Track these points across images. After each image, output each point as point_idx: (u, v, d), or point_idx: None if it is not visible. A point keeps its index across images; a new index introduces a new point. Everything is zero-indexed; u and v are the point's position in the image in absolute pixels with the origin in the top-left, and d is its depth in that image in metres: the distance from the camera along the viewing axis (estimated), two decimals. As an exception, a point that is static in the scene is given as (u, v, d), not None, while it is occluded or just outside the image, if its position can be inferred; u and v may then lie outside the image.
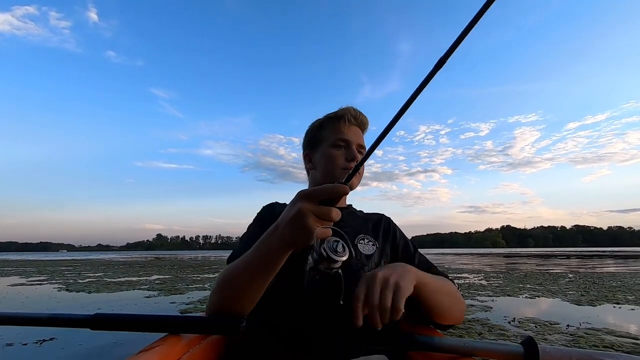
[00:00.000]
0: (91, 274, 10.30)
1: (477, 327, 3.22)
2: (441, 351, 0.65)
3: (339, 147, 0.96)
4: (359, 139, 0.98)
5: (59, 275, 9.65)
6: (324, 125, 1.01)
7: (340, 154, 0.96)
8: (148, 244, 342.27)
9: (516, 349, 0.62)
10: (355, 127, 0.99)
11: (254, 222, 0.97)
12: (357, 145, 0.97)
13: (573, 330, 3.06)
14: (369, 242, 0.92)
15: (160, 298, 5.20)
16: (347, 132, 0.97)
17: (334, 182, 0.93)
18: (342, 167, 0.95)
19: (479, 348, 0.64)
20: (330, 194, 0.56)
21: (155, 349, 0.63)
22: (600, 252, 40.29)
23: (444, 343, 0.65)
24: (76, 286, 6.84)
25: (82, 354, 2.49)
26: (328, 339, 0.65)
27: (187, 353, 0.69)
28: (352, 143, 0.96)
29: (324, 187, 0.56)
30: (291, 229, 0.58)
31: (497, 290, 5.83)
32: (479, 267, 13.08)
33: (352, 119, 0.98)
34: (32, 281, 8.14)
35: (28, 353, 2.52)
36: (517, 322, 3.39)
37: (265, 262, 0.64)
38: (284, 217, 0.61)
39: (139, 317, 0.68)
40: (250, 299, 0.69)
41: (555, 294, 5.33)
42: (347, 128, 0.97)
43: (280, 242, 0.61)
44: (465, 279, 7.83)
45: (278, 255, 0.63)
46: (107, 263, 18.02)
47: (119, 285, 6.94)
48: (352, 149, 0.96)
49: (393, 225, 1.03)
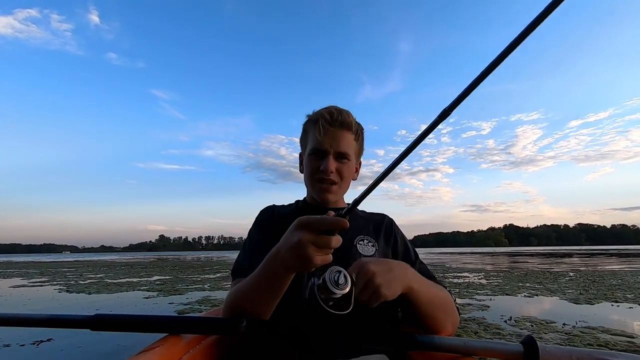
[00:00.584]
0: (92, 275, 10.35)
1: (474, 326, 3.22)
2: (441, 350, 0.65)
3: (314, 156, 0.91)
4: (339, 145, 0.89)
5: (61, 277, 9.71)
6: (306, 130, 0.96)
7: (316, 164, 0.90)
8: (151, 245, 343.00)
9: (516, 348, 0.62)
10: (334, 131, 0.89)
11: (253, 227, 0.95)
12: (335, 153, 0.90)
13: (569, 328, 3.06)
14: (368, 242, 0.90)
15: (159, 299, 5.22)
16: (323, 140, 0.89)
17: (314, 190, 0.94)
18: (317, 179, 0.91)
19: (479, 347, 0.64)
20: (330, 227, 0.55)
21: (155, 349, 0.63)
22: (604, 250, 40.11)
23: (443, 342, 0.65)
24: (77, 287, 6.88)
25: (82, 355, 2.50)
26: (328, 339, 0.65)
27: (187, 353, 0.69)
28: (327, 152, 0.89)
29: (323, 219, 0.56)
30: (292, 256, 0.59)
31: (496, 289, 5.83)
32: (480, 266, 13.06)
33: (326, 123, 0.89)
34: (33, 282, 8.19)
35: (26, 355, 2.53)
36: (514, 321, 3.39)
37: (270, 284, 0.66)
38: (284, 243, 0.61)
39: (139, 318, 0.68)
40: (262, 316, 0.71)
41: (554, 292, 5.32)
42: (323, 134, 0.88)
43: (283, 266, 0.62)
44: (465, 278, 7.82)
45: (283, 277, 0.65)
46: (109, 264, 18.10)
47: (119, 286, 6.97)
48: (325, 159, 0.89)
49: (395, 228, 1.00)
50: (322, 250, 0.56)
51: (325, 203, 0.94)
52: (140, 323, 0.67)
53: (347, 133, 0.91)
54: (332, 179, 0.90)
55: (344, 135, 0.90)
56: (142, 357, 0.59)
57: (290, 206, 1.02)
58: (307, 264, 0.57)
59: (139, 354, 0.61)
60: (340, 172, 0.91)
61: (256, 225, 0.95)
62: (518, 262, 15.68)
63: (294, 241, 0.57)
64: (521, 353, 0.61)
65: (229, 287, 1.17)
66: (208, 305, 4.39)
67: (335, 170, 0.90)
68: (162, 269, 13.15)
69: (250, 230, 0.95)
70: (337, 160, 0.90)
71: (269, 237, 0.85)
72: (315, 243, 0.56)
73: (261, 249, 0.80)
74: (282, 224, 0.87)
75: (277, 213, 0.97)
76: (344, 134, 0.91)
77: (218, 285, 6.84)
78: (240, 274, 0.82)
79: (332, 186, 0.91)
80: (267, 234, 0.88)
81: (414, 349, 0.65)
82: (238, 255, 0.91)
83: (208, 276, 9.20)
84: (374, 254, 0.87)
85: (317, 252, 0.56)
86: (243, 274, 0.79)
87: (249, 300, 0.69)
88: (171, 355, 0.65)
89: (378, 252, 0.89)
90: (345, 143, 0.91)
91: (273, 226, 0.90)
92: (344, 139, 0.90)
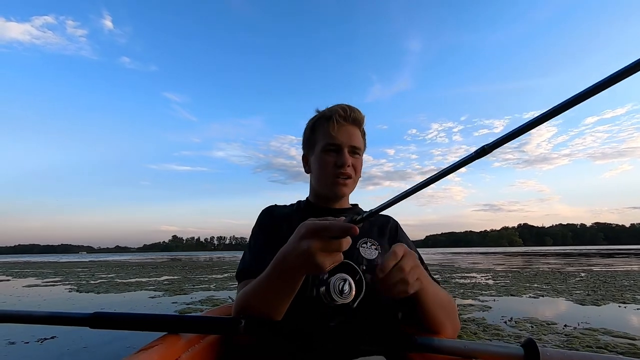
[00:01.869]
0: (104, 275, 10.59)
1: (473, 326, 3.19)
2: (440, 352, 0.64)
3: (329, 151, 0.91)
4: (352, 139, 0.91)
5: (73, 277, 9.95)
6: (316, 127, 0.96)
7: (331, 159, 0.90)
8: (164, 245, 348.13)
9: (516, 351, 0.60)
10: (347, 126, 0.91)
11: (256, 227, 0.95)
12: (350, 147, 0.91)
13: (569, 330, 3.00)
14: (371, 245, 0.89)
15: (163, 298, 5.31)
16: (337, 135, 0.90)
17: (328, 189, 0.94)
18: (333, 174, 0.91)
19: (479, 350, 0.62)
20: (340, 233, 0.54)
21: (154, 348, 0.63)
22: (622, 250, 39.03)
23: (443, 344, 0.64)
24: (87, 287, 7.05)
25: (82, 352, 2.56)
26: (327, 339, 0.64)
27: (186, 352, 0.69)
28: (342, 146, 0.90)
29: (332, 226, 0.54)
30: (301, 263, 0.58)
31: (502, 289, 5.74)
32: (489, 266, 12.88)
33: (340, 119, 0.90)
34: (46, 282, 8.42)
35: (29, 351, 2.61)
36: (514, 322, 3.34)
37: (282, 287, 0.65)
38: (292, 249, 0.59)
39: (138, 316, 0.68)
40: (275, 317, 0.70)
41: (560, 293, 5.22)
42: (337, 130, 0.90)
43: (292, 270, 0.61)
44: (472, 279, 7.73)
45: (293, 280, 0.64)
46: (122, 264, 18.46)
47: (127, 286, 7.11)
48: (342, 153, 0.90)
49: (400, 232, 0.99)
50: (332, 254, 0.56)
51: (340, 197, 0.95)
52: (139, 321, 0.67)
53: (357, 129, 0.94)
54: (349, 173, 0.90)
55: (356, 131, 0.93)
56: (141, 355, 0.59)
57: (292, 206, 1.02)
58: (317, 270, 0.57)
59: (138, 352, 0.61)
60: (355, 167, 0.92)
61: (259, 226, 0.95)
62: (530, 262, 15.39)
63: (302, 249, 0.56)
64: (521, 356, 0.60)
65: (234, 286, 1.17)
66: (209, 305, 4.43)
67: (351, 164, 0.91)
68: (172, 269, 13.35)
69: (253, 231, 0.95)
70: (351, 155, 0.92)
71: (272, 237, 0.87)
72: (325, 249, 0.55)
73: (266, 250, 0.82)
74: (284, 224, 0.90)
75: (278, 213, 0.97)
76: (356, 130, 0.93)
77: (224, 285, 6.92)
78: (247, 276, 0.81)
79: (347, 180, 0.91)
80: (270, 235, 0.89)
81: (413, 350, 0.64)
82: (242, 256, 0.90)
83: (215, 276, 9.30)
84: (376, 257, 0.86)
85: (327, 257, 0.55)
86: (250, 275, 0.79)
87: (262, 303, 0.68)
88: (170, 354, 0.64)
89: (381, 256, 0.87)
90: (357, 138, 0.93)
91: (275, 226, 0.91)
92: (355, 135, 0.93)
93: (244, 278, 0.83)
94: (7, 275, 11.57)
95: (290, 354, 0.74)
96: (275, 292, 0.66)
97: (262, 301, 0.68)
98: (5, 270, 14.51)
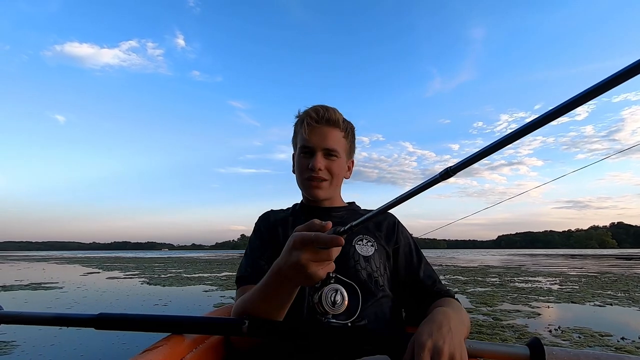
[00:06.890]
0: (174, 270, 11.79)
1: (509, 333, 2.99)
2: None
3: (304, 154, 0.92)
4: (325, 141, 0.89)
5: (149, 271, 11.26)
6: (295, 130, 0.97)
7: (305, 162, 0.91)
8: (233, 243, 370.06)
9: (522, 350, 0.60)
10: (321, 128, 0.90)
11: (252, 233, 0.97)
12: (323, 150, 0.90)
13: (624, 343, 2.66)
14: (367, 242, 0.88)
15: (216, 292, 5.80)
16: (310, 137, 0.89)
17: (305, 191, 0.98)
18: (307, 177, 0.91)
19: (484, 349, 0.62)
20: (328, 244, 0.55)
21: (158, 348, 0.63)
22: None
23: None
24: (157, 280, 7.96)
25: (87, 353, 2.58)
26: (330, 340, 0.64)
27: (190, 353, 0.69)
28: (315, 149, 0.90)
29: (318, 238, 0.55)
30: (294, 274, 0.59)
31: (564, 295, 5.21)
32: (562, 269, 11.62)
33: (312, 121, 0.89)
34: (127, 275, 9.68)
35: (36, 353, 2.62)
36: (561, 330, 3.05)
37: (277, 296, 0.67)
38: (285, 261, 0.60)
39: (142, 317, 0.68)
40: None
41: (636, 302, 4.58)
42: (309, 132, 0.89)
43: (287, 281, 0.63)
44: (535, 283, 7.07)
45: (288, 290, 0.65)
46: (193, 261, 20.29)
47: (189, 280, 7.86)
48: (315, 156, 0.89)
49: (400, 228, 0.96)
50: (323, 263, 0.57)
51: (316, 200, 0.95)
52: (143, 322, 0.68)
53: (334, 130, 0.91)
54: (322, 176, 0.90)
55: (331, 132, 0.91)
56: (145, 356, 0.60)
57: (288, 210, 1.03)
58: (311, 280, 0.59)
59: (143, 353, 0.62)
60: (330, 169, 0.91)
61: (255, 233, 0.96)
62: (617, 266, 13.53)
63: (293, 261, 0.57)
64: (527, 356, 0.59)
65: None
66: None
67: (324, 167, 0.90)
68: (234, 265, 14.32)
69: (250, 238, 0.97)
70: (325, 157, 0.90)
71: (267, 243, 0.90)
72: (316, 259, 0.56)
73: (261, 257, 0.87)
74: (278, 229, 0.93)
75: (273, 218, 0.98)
76: (331, 131, 0.91)
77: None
78: (244, 282, 0.84)
79: (322, 183, 0.91)
80: (265, 241, 0.91)
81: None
82: (240, 262, 0.92)
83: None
84: (373, 253, 0.86)
85: (318, 267, 0.57)
86: (246, 281, 0.82)
87: (259, 312, 0.69)
88: (174, 354, 0.65)
89: (377, 252, 0.87)
90: (333, 140, 0.90)
91: (270, 232, 0.93)
92: (331, 136, 0.90)
93: (241, 284, 0.85)
94: (98, 268, 13.49)
95: (293, 354, 0.75)
96: (270, 301, 0.67)
97: (259, 310, 0.68)
98: (99, 264, 16.84)
